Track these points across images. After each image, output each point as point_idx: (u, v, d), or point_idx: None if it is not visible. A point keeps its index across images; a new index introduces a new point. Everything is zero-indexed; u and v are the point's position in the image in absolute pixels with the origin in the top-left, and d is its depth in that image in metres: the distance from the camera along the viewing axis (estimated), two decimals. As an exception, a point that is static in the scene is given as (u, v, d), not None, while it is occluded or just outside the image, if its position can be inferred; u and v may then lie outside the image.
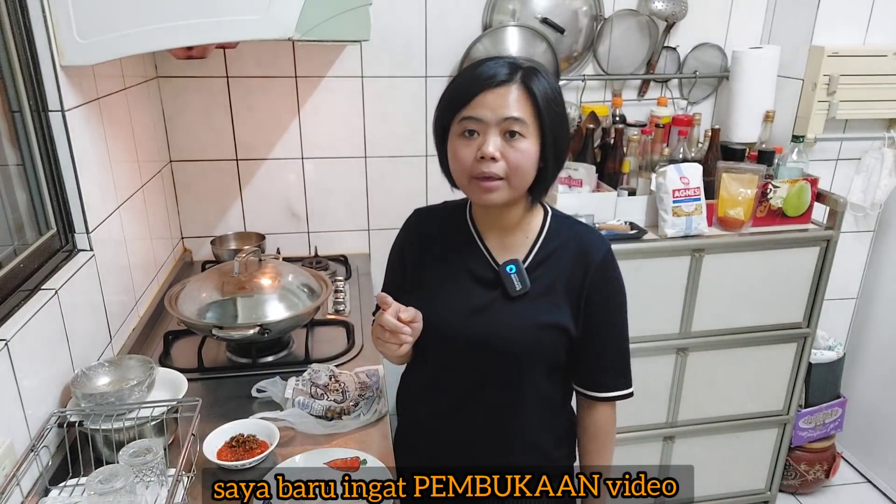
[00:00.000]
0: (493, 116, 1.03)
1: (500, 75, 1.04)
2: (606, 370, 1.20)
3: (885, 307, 2.50)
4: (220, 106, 2.09)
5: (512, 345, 1.12)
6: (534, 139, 1.05)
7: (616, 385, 1.21)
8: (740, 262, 2.03)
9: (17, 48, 1.25)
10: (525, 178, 1.06)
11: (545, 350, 1.14)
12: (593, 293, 1.13)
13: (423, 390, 1.27)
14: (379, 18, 2.05)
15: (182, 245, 2.21)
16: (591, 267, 1.12)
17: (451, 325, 1.14)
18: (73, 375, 1.27)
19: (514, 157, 1.03)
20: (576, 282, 1.13)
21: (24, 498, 1.10)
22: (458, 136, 1.06)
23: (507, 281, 1.12)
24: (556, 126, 1.06)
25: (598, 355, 1.19)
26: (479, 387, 1.18)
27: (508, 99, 1.03)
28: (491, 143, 1.03)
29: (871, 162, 2.33)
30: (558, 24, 2.18)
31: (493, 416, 1.19)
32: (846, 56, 2.12)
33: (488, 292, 1.14)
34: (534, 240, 1.15)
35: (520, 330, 1.12)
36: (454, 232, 1.20)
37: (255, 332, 1.46)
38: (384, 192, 2.27)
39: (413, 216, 1.27)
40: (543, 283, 1.13)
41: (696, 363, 2.13)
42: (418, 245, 1.23)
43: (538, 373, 1.17)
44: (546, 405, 1.21)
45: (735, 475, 2.36)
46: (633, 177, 2.09)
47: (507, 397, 1.18)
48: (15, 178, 1.30)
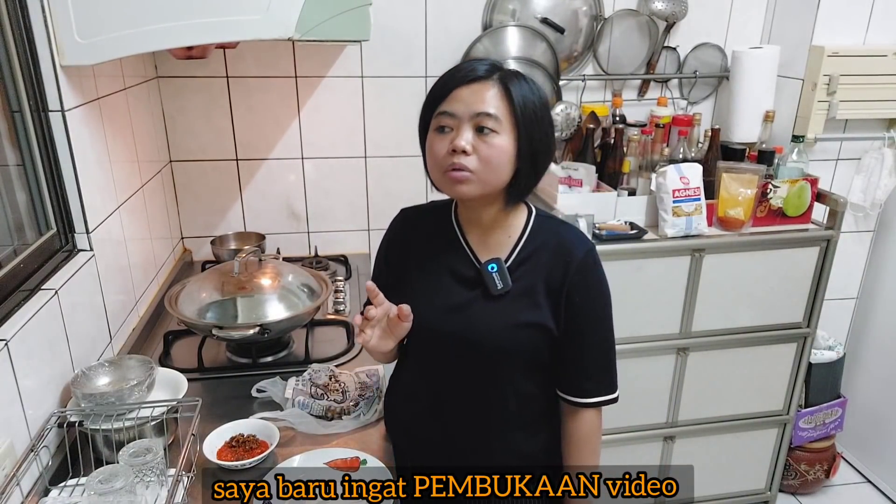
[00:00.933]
0: (465, 111, 1.03)
1: (478, 71, 1.05)
2: (590, 374, 1.17)
3: (885, 307, 2.50)
4: (220, 106, 2.09)
5: (490, 343, 1.12)
6: (508, 137, 1.04)
7: (599, 390, 1.18)
8: (740, 262, 2.03)
9: (17, 48, 1.25)
10: (497, 173, 1.06)
11: (524, 349, 1.14)
12: (573, 292, 1.12)
13: (406, 389, 1.27)
14: (379, 18, 2.05)
15: (182, 245, 2.21)
16: (572, 266, 1.11)
17: (430, 323, 1.14)
18: (73, 375, 1.27)
19: (485, 151, 1.03)
20: (556, 281, 1.12)
21: (24, 498, 1.10)
22: (434, 131, 1.07)
23: (488, 280, 1.12)
24: (532, 126, 1.05)
25: (580, 358, 1.17)
26: (460, 386, 1.18)
27: (483, 95, 1.03)
28: (462, 136, 1.03)
29: (871, 162, 2.33)
30: (558, 24, 2.18)
31: (474, 415, 1.19)
32: (846, 56, 2.12)
33: (469, 291, 1.14)
34: (516, 239, 1.15)
35: (499, 328, 1.12)
36: (439, 231, 1.20)
37: (255, 332, 1.46)
38: (384, 192, 2.27)
39: (399, 216, 1.28)
40: (524, 283, 1.13)
41: (696, 363, 2.13)
42: (402, 244, 1.24)
43: (518, 372, 1.16)
44: (528, 406, 1.20)
45: (735, 475, 2.36)
46: (633, 177, 2.09)
47: (487, 397, 1.17)
48: (15, 178, 1.30)
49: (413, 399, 1.25)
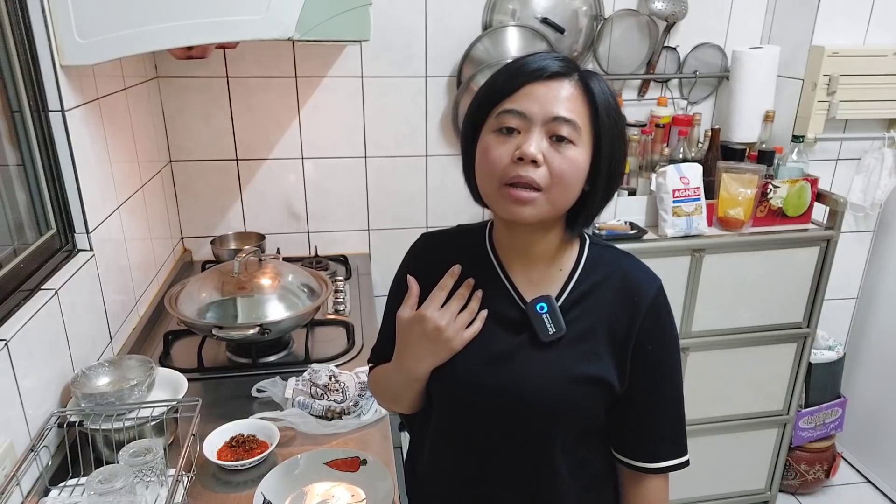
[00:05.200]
0: (539, 112, 0.84)
1: (554, 67, 0.86)
2: (662, 435, 0.98)
3: (885, 307, 2.50)
4: (220, 106, 2.09)
5: (542, 401, 0.92)
6: (585, 150, 0.86)
7: (671, 453, 0.99)
8: (740, 262, 2.03)
9: (17, 48, 1.25)
10: (568, 194, 0.87)
11: (581, 408, 0.94)
12: (644, 341, 0.93)
13: (437, 456, 1.05)
14: (379, 18, 2.05)
15: (182, 245, 2.21)
16: (641, 307, 0.93)
17: (466, 375, 0.94)
18: (73, 375, 1.27)
19: (558, 164, 0.84)
20: (621, 327, 0.93)
21: (24, 498, 1.10)
22: (493, 132, 0.87)
23: (536, 323, 0.92)
24: (614, 141, 0.88)
25: (650, 418, 0.98)
26: (503, 458, 0.98)
27: (561, 94, 0.85)
28: (533, 142, 0.84)
29: (871, 162, 2.33)
30: (558, 24, 2.18)
31: (521, 488, 0.99)
32: (846, 56, 2.12)
33: (513, 337, 0.94)
34: (569, 273, 0.96)
35: (552, 383, 0.91)
36: (470, 261, 0.98)
37: (255, 332, 1.46)
38: (384, 192, 2.27)
39: (419, 242, 1.06)
40: (580, 327, 0.93)
41: (696, 363, 2.13)
42: (427, 277, 0.98)
43: (573, 438, 0.97)
44: (585, 476, 1.00)
45: (735, 475, 2.36)
46: (633, 177, 2.09)
47: (537, 471, 0.97)
48: (15, 178, 1.30)
49: (444, 467, 1.04)
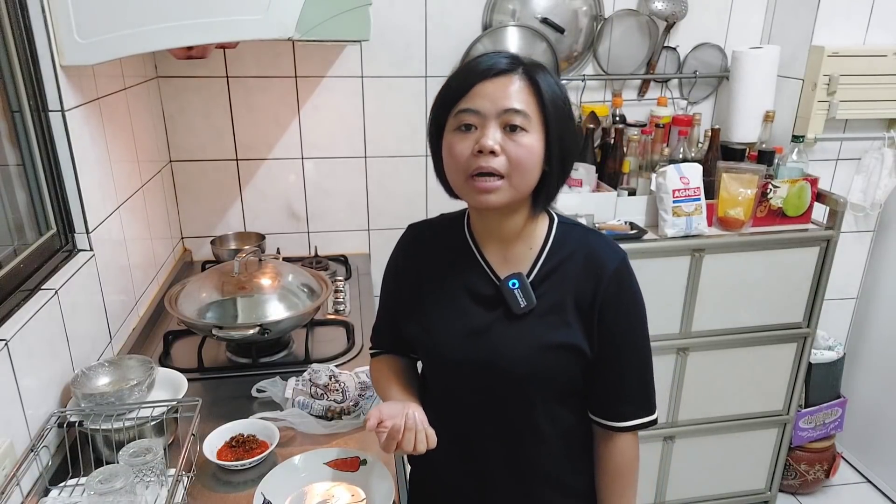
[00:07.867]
0: (492, 107, 0.93)
1: (501, 65, 0.95)
2: (627, 396, 1.06)
3: (885, 307, 2.50)
4: (220, 106, 2.09)
5: (518, 369, 1.00)
6: (538, 136, 0.94)
7: (637, 412, 1.07)
8: (740, 262, 2.03)
9: (17, 48, 1.25)
10: (528, 177, 0.95)
11: (556, 374, 1.02)
12: (607, 309, 1.00)
13: (432, 416, 1.07)
14: (379, 18, 2.05)
15: (182, 245, 2.21)
16: (604, 279, 1.00)
17: (450, 350, 1.04)
18: (73, 375, 1.27)
19: (515, 151, 0.93)
20: (586, 297, 1.00)
21: (24, 498, 1.10)
22: (454, 130, 0.96)
23: (509, 297, 1.01)
24: (562, 124, 0.96)
25: (617, 380, 1.05)
26: (489, 419, 1.06)
27: (509, 89, 0.93)
28: (490, 135, 0.92)
29: (871, 162, 2.33)
30: (558, 24, 2.18)
31: (509, 451, 1.08)
32: (846, 56, 2.12)
33: (489, 311, 1.03)
34: (538, 251, 1.04)
35: (526, 352, 1.00)
36: (451, 246, 1.08)
37: (255, 332, 1.46)
38: (384, 192, 2.27)
39: (407, 232, 1.16)
40: (550, 300, 1.01)
41: (696, 363, 2.13)
42: (413, 264, 1.11)
43: (552, 400, 1.05)
44: (569, 437, 1.09)
45: (735, 475, 2.36)
46: (633, 177, 2.09)
47: (521, 429, 1.06)
48: (15, 178, 1.30)
49: (441, 426, 1.06)
